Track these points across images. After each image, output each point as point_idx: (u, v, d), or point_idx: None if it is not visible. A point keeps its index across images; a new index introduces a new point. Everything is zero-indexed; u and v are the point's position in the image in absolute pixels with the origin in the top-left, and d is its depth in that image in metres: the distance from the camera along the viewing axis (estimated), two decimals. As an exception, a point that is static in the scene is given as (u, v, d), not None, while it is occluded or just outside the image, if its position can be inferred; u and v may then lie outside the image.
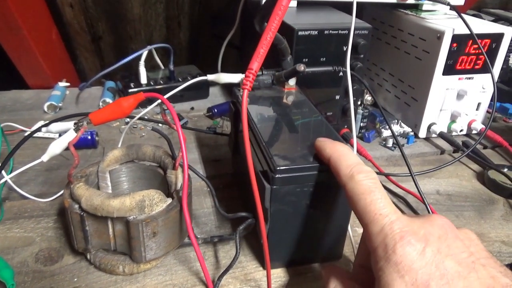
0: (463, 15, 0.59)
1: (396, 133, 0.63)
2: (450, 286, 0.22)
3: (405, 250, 0.24)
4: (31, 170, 0.48)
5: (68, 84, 0.76)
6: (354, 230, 0.45)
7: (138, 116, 0.53)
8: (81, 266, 0.38)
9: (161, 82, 0.73)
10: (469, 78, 0.62)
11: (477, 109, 0.66)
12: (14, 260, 0.38)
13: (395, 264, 0.24)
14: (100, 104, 0.70)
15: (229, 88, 0.77)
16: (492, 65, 0.62)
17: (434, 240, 0.24)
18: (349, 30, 0.52)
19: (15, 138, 0.58)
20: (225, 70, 0.74)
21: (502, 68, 0.68)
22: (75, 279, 0.37)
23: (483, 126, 0.64)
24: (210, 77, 0.52)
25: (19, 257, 0.39)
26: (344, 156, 0.31)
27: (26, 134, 0.56)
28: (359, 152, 0.58)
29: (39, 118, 0.65)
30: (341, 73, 0.55)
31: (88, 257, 0.38)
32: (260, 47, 0.31)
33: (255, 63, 0.31)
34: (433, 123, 0.64)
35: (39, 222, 0.44)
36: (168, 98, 0.43)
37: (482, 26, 0.61)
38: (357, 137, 0.64)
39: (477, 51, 0.60)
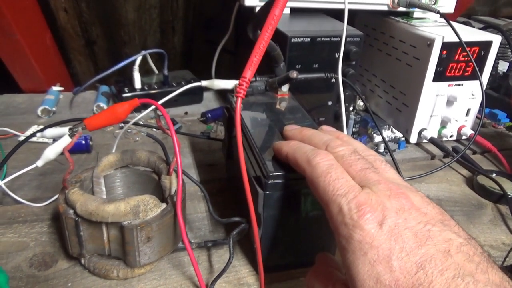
0: (453, 23, 0.60)
1: (388, 139, 0.64)
2: (410, 257, 0.23)
3: (365, 228, 0.24)
4: (25, 174, 0.48)
5: (62, 88, 0.76)
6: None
7: (132, 121, 0.53)
8: (75, 271, 0.39)
9: (155, 87, 0.73)
10: (459, 85, 0.63)
11: (466, 115, 0.67)
12: (8, 265, 0.38)
13: (358, 242, 0.24)
14: (94, 108, 0.70)
15: (223, 93, 0.77)
16: (481, 72, 0.63)
17: (391, 215, 0.24)
18: (341, 37, 0.53)
19: (8, 142, 0.58)
20: (219, 75, 0.74)
21: (491, 75, 0.69)
22: (69, 284, 0.37)
23: (473, 132, 0.65)
24: (204, 83, 0.53)
25: (13, 262, 0.39)
26: (299, 147, 0.32)
27: (20, 139, 0.56)
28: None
29: (33, 123, 0.65)
30: (333, 80, 0.56)
31: (82, 262, 0.38)
32: (254, 56, 0.31)
33: (248, 72, 0.31)
34: (424, 129, 0.65)
35: (33, 227, 0.44)
36: (162, 103, 0.43)
37: (471, 34, 0.62)
38: (349, 142, 0.64)
39: (466, 59, 0.61)
